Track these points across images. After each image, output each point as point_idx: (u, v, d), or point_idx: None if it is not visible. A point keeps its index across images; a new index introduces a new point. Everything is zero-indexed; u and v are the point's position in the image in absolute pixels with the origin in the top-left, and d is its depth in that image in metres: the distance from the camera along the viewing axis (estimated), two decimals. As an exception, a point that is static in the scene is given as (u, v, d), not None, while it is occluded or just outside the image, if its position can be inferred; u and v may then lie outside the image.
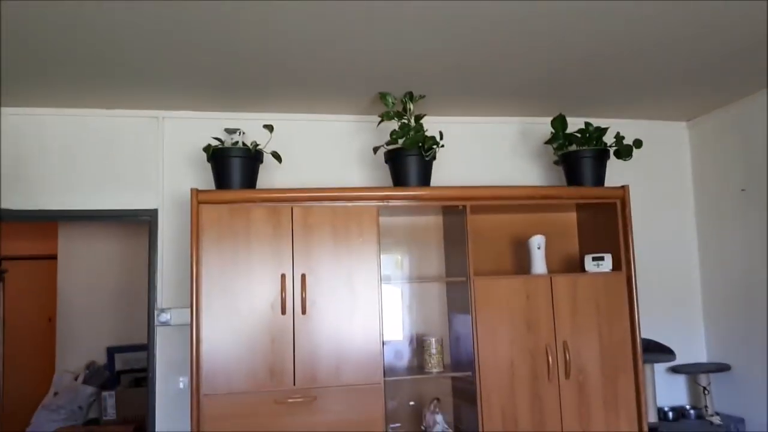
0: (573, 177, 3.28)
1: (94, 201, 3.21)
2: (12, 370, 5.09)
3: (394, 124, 3.05)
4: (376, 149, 3.11)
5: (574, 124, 3.33)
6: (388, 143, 3.04)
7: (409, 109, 3.02)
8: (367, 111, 3.38)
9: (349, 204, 2.92)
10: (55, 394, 4.23)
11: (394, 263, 3.37)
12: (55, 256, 4.81)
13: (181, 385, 3.17)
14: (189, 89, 2.99)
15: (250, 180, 2.96)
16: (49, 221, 3.73)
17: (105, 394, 4.17)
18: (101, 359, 4.54)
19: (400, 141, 2.98)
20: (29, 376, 5.17)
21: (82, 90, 2.94)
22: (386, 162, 3.12)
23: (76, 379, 4.29)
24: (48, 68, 2.65)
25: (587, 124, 3.28)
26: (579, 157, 3.24)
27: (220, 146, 2.93)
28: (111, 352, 4.49)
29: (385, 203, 2.96)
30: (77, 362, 4.52)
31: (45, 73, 2.71)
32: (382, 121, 3.00)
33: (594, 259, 3.19)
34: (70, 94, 2.99)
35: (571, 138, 3.28)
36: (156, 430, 3.15)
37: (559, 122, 3.27)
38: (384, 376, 2.85)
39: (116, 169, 3.24)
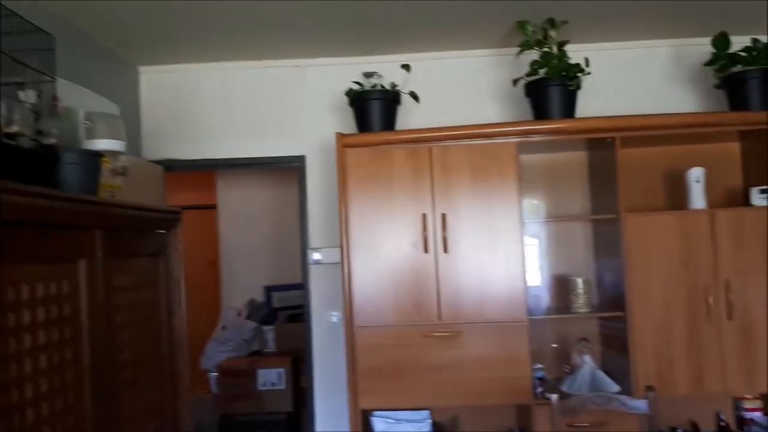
0: (737, 101, 2.96)
1: (247, 149, 3.45)
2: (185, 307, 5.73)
3: (533, 55, 2.92)
4: (516, 81, 3.01)
5: (737, 43, 2.98)
6: (528, 74, 2.93)
7: (551, 37, 2.87)
8: (502, 44, 3.27)
9: (488, 141, 2.89)
10: (223, 328, 4.71)
11: (535, 201, 3.30)
12: (211, 206, 5.27)
13: (334, 319, 3.39)
14: (329, 36, 3.07)
15: (389, 122, 3.01)
16: (208, 170, 4.07)
17: (265, 328, 4.58)
18: (259, 297, 4.96)
19: (542, 71, 2.86)
20: (198, 313, 5.80)
21: (232, 44, 3.14)
22: (527, 95, 3.02)
23: (239, 315, 4.74)
24: (201, 26, 2.84)
25: (754, 40, 2.92)
26: (744, 78, 2.91)
27: (360, 89, 3.00)
28: (268, 290, 4.89)
29: (526, 138, 2.89)
30: (239, 300, 4.98)
31: (199, 31, 2.92)
32: (522, 51, 2.88)
33: (762, 191, 2.90)
34: (221, 48, 3.21)
35: (735, 58, 2.95)
36: (314, 359, 3.42)
37: (721, 41, 2.95)
38: (528, 315, 2.84)
39: (266, 119, 3.45)
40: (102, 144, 2.00)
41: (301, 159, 3.43)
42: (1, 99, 1.53)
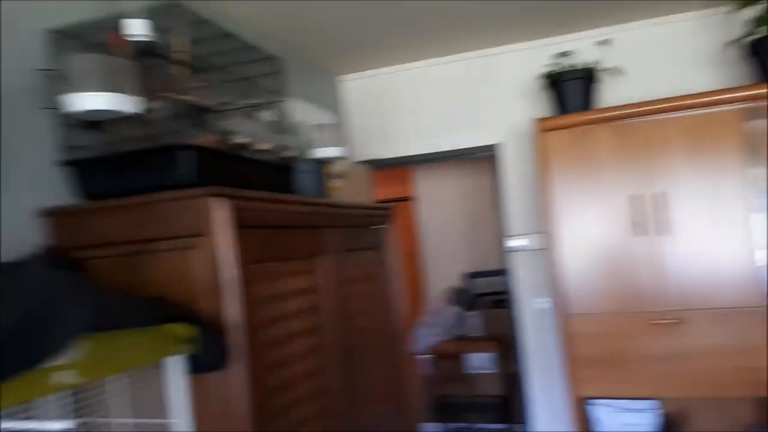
0: None
1: (442, 143, 3.56)
2: (389, 295, 6.09)
3: (754, 11, 2.60)
4: (738, 41, 2.70)
5: None
6: (748, 34, 2.62)
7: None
8: (707, 4, 2.95)
9: (704, 111, 2.63)
10: (431, 313, 4.93)
11: (763, 174, 2.92)
12: (406, 198, 5.51)
13: (540, 305, 3.37)
14: (517, 21, 3.04)
15: (588, 101, 2.90)
16: (408, 165, 4.27)
17: (468, 313, 4.69)
18: (461, 284, 5.09)
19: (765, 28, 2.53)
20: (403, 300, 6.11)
21: (422, 45, 3.26)
22: (752, 55, 2.69)
23: (443, 301, 4.92)
24: (394, 32, 2.99)
25: None
26: None
27: (556, 71, 2.93)
28: (469, 277, 4.99)
29: (753, 104, 2.58)
30: (441, 287, 5.16)
31: (392, 37, 3.07)
32: (745, 5, 2.57)
33: None
34: (413, 50, 3.34)
35: None
36: (523, 345, 3.43)
37: None
38: None
39: (458, 112, 3.52)
40: (325, 152, 2.22)
41: (494, 148, 3.45)
42: (251, 119, 1.79)
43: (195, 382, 1.42)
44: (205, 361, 1.37)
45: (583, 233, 2.80)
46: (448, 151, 3.56)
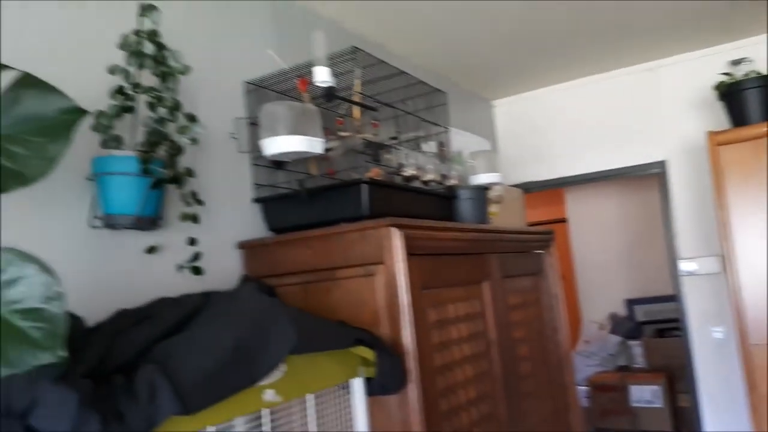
0: None
1: (600, 162, 3.43)
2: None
3: None
4: None
5: None
6: None
7: None
8: None
9: None
10: (586, 342, 4.71)
11: None
12: (558, 220, 5.34)
13: (717, 335, 3.09)
14: (684, 29, 2.87)
15: (769, 111, 2.65)
16: (563, 187, 4.17)
17: (631, 343, 4.41)
18: (620, 310, 4.81)
19: None
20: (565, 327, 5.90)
21: (577, 62, 3.18)
22: None
23: (601, 328, 4.68)
24: (546, 53, 2.96)
25: None
26: None
27: (730, 80, 2.71)
28: (630, 303, 4.71)
29: None
30: (598, 313, 4.91)
31: (543, 58, 3.04)
32: None
33: None
34: (567, 69, 3.28)
35: None
36: (697, 377, 3.16)
37: None
38: None
39: (619, 129, 3.38)
40: (484, 178, 2.25)
41: (662, 164, 3.25)
42: (417, 151, 1.88)
43: (375, 404, 1.50)
44: (385, 383, 1.44)
45: (764, 256, 2.54)
46: (609, 170, 3.42)
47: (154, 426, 0.87)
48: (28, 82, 0.92)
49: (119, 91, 1.29)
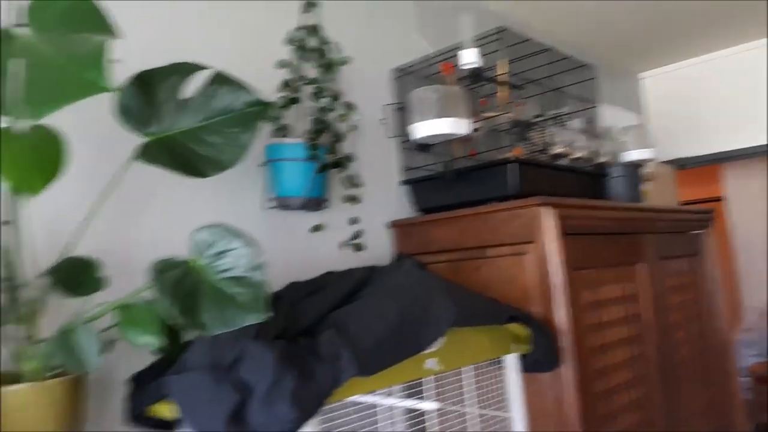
0: None
1: (763, 136, 3.12)
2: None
3: None
4: None
5: None
6: None
7: None
8: None
9: None
10: (746, 329, 4.33)
11: None
12: (712, 198, 4.93)
13: None
14: None
15: None
16: (720, 163, 3.86)
17: (801, 333, 3.99)
18: (789, 297, 4.36)
19: None
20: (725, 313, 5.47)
21: (738, 27, 2.91)
22: None
23: (763, 315, 4.28)
24: (703, 18, 2.74)
25: None
26: None
27: None
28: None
29: None
30: (760, 299, 4.49)
31: (696, 25, 2.82)
32: None
33: None
34: (725, 36, 3.01)
35: None
36: None
37: None
38: None
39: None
40: (635, 154, 2.16)
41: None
42: (565, 128, 1.84)
43: (527, 380, 1.51)
44: (539, 361, 1.45)
45: None
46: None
47: (338, 385, 0.97)
48: (220, 79, 1.04)
49: (287, 84, 1.41)
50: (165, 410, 1.08)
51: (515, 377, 1.44)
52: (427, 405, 1.17)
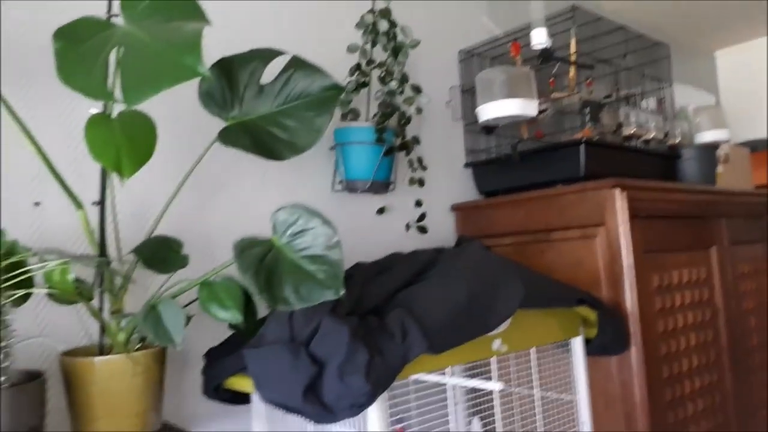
0: None
1: None
2: None
3: None
4: None
5: None
6: None
7: None
8: None
9: None
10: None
11: None
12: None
13: None
14: None
15: None
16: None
17: None
18: None
19: None
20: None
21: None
22: None
23: None
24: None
25: None
26: None
27: None
28: None
29: None
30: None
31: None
32: None
33: None
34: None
35: None
36: None
37: None
38: None
39: None
40: (709, 135, 2.08)
41: None
42: (637, 109, 1.79)
43: (593, 364, 1.50)
44: (606, 345, 1.44)
45: None
46: None
47: (407, 361, 0.99)
48: (297, 64, 1.07)
49: (357, 67, 1.43)
50: (241, 383, 1.14)
51: (581, 360, 1.43)
52: (492, 385, 1.18)
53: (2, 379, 0.82)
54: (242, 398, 1.25)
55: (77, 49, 0.74)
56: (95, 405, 0.97)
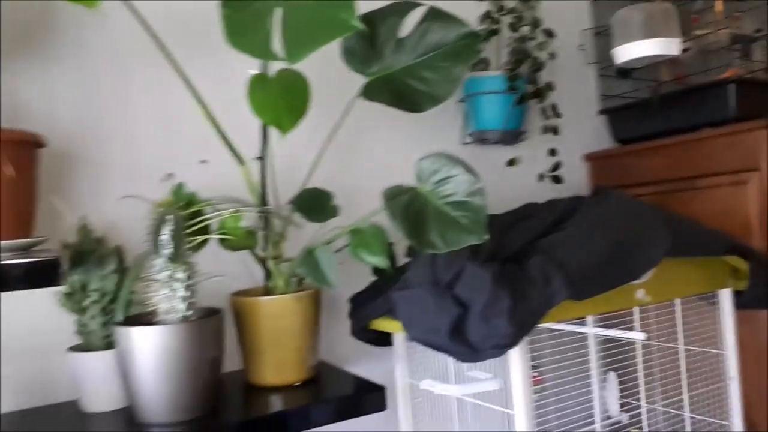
0: None
1: None
2: None
3: None
4: None
5: None
6: None
7: None
8: None
9: None
10: None
11: None
12: None
13: None
14: None
15: None
16: None
17: None
18: None
19: None
20: None
21: None
22: None
23: None
24: None
25: None
26: None
27: None
28: None
29: None
30: None
31: None
32: None
33: None
34: None
35: None
36: None
37: None
38: None
39: None
40: None
41: None
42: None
43: (741, 317, 1.42)
44: (758, 297, 1.35)
45: None
46: None
47: (550, 306, 1.01)
48: (434, 14, 1.09)
49: (486, 15, 1.42)
50: (385, 325, 1.22)
51: (729, 313, 1.36)
52: (635, 335, 1.16)
53: (191, 312, 0.95)
54: (385, 340, 1.33)
55: (243, 14, 0.81)
56: (262, 339, 1.08)
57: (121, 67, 1.18)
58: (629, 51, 1.51)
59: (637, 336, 1.19)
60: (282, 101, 0.92)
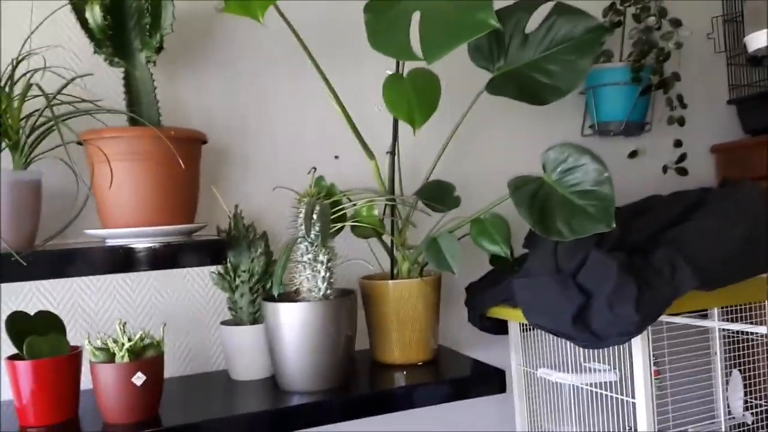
0: None
1: None
2: None
3: None
4: None
5: None
6: None
7: None
8: None
9: None
10: None
11: None
12: None
13: None
14: None
15: None
16: None
17: None
18: None
19: None
20: None
21: None
22: None
23: None
24: None
25: None
26: None
27: None
28: None
29: None
30: None
31: None
32: None
33: None
34: None
35: None
36: None
37: None
38: None
39: None
40: None
41: None
42: None
43: None
44: None
45: None
46: None
47: (677, 296, 1.01)
48: (561, 9, 1.11)
49: (610, 7, 1.41)
50: (502, 312, 1.25)
51: None
52: (763, 330, 1.12)
53: (330, 291, 1.04)
54: (500, 328, 1.37)
55: (383, 18, 0.88)
56: (389, 320, 1.16)
57: (265, 70, 1.30)
58: (762, 38, 1.45)
59: (764, 330, 1.15)
60: (415, 98, 0.98)
